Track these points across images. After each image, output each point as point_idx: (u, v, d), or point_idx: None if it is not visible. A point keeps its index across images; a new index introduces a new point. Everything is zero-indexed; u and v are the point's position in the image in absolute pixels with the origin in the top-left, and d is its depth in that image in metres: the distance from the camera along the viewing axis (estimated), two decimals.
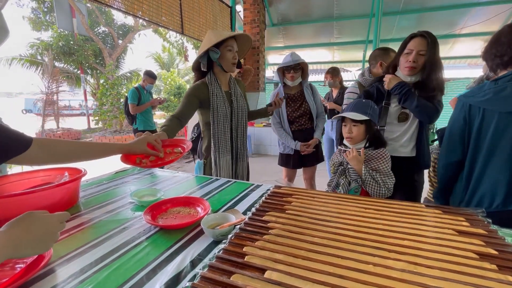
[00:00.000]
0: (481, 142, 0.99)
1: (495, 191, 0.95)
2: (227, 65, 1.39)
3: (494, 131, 0.95)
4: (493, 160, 0.96)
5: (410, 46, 1.26)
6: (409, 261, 0.57)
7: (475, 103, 0.99)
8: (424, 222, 0.75)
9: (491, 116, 0.96)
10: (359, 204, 0.88)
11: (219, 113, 1.41)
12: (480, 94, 0.98)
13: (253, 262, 0.57)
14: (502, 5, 4.92)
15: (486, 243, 0.63)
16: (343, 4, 5.57)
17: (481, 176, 0.99)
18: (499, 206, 0.94)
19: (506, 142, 0.93)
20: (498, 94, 0.93)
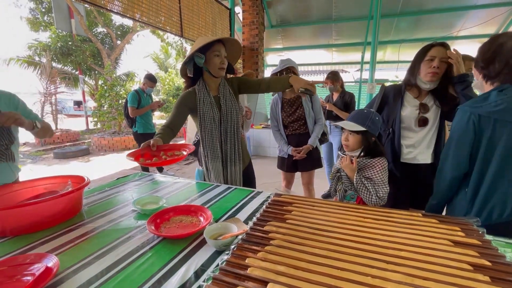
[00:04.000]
0: (492, 154, 0.97)
1: (506, 202, 0.95)
2: (214, 70, 1.37)
3: (506, 142, 0.93)
4: (504, 172, 0.95)
5: (432, 53, 1.29)
6: (406, 273, 0.59)
7: (486, 113, 0.97)
8: (421, 232, 0.77)
9: (503, 127, 0.94)
10: (358, 213, 0.90)
11: (205, 119, 1.41)
12: (491, 104, 0.96)
13: (256, 274, 0.59)
14: (499, 8, 4.96)
15: (480, 254, 0.65)
16: (341, 6, 5.60)
17: (491, 188, 0.97)
18: (509, 216, 0.94)
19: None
20: (504, 103, 0.92)
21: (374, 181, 1.17)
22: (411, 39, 6.19)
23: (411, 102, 1.41)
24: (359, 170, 1.21)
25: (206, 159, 1.49)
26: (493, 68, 0.98)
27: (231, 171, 1.49)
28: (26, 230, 0.87)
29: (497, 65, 0.97)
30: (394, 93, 1.45)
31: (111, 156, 5.89)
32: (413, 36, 6.13)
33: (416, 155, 1.41)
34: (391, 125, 1.43)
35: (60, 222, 0.94)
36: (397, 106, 1.41)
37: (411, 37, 6.17)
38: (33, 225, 0.88)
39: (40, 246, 0.81)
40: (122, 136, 6.39)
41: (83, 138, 7.92)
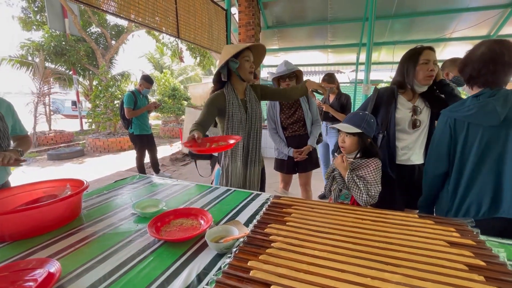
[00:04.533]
0: (467, 154, 1.04)
1: (481, 200, 1.01)
2: (245, 75, 1.47)
3: (479, 144, 1.01)
4: (478, 171, 1.01)
5: (425, 57, 1.33)
6: (404, 273, 0.60)
7: (460, 117, 1.04)
8: (418, 233, 0.79)
9: (475, 130, 1.01)
10: (356, 214, 0.92)
11: (234, 120, 1.49)
12: (465, 109, 1.03)
13: (258, 277, 0.60)
14: (490, 11, 5.06)
15: (475, 254, 0.68)
16: (337, 7, 5.63)
17: (468, 186, 1.04)
18: (485, 214, 1.00)
19: (490, 154, 0.99)
20: (482, 109, 0.99)
21: (367, 180, 1.20)
22: (405, 40, 6.27)
23: (405, 104, 1.44)
24: (354, 169, 1.24)
25: (228, 159, 1.53)
26: (467, 74, 1.05)
27: (250, 171, 1.57)
28: (25, 235, 0.87)
29: (470, 71, 1.03)
30: (388, 95, 1.47)
31: (107, 158, 5.83)
32: (407, 37, 6.21)
33: (410, 156, 1.44)
34: (386, 128, 1.46)
35: (59, 227, 0.94)
36: (391, 109, 1.43)
37: (405, 39, 6.24)
38: (32, 230, 0.87)
39: (40, 251, 0.80)
40: (118, 137, 6.33)
41: (77, 139, 7.83)
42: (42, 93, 7.17)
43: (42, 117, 7.33)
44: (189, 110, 5.51)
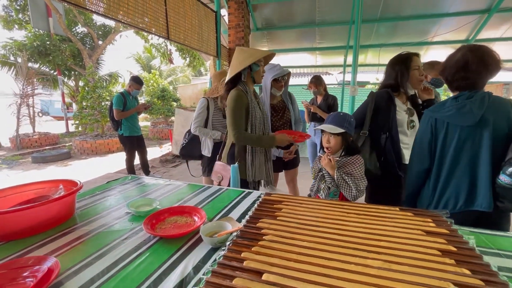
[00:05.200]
0: (446, 152, 1.12)
1: (459, 195, 1.09)
2: (258, 78, 1.61)
3: (457, 143, 1.09)
4: (456, 167, 1.10)
5: (416, 63, 1.46)
6: (384, 259, 0.66)
7: (440, 117, 1.13)
8: (398, 224, 0.85)
9: (454, 129, 1.10)
10: (342, 209, 0.98)
11: (256, 118, 1.60)
12: (445, 109, 1.12)
13: (252, 266, 0.64)
14: (469, 16, 5.31)
15: (447, 241, 0.74)
16: (324, 11, 5.77)
17: (447, 182, 1.13)
18: (461, 207, 1.08)
19: (466, 152, 1.07)
20: (460, 110, 1.07)
21: (354, 176, 1.28)
22: (390, 43, 6.48)
23: (402, 107, 1.54)
24: (340, 167, 1.32)
25: (252, 155, 1.63)
26: (444, 78, 1.15)
27: (269, 165, 1.72)
28: (20, 235, 0.88)
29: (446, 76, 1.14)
30: (385, 98, 1.54)
31: (94, 160, 5.72)
32: (392, 40, 6.43)
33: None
34: (388, 130, 1.51)
35: (53, 227, 0.95)
36: (391, 112, 1.50)
37: (390, 42, 6.46)
38: (27, 230, 0.88)
39: (36, 250, 0.82)
40: (106, 139, 6.23)
41: (63, 142, 7.63)
42: (26, 94, 6.95)
43: (26, 119, 7.11)
44: (179, 111, 5.50)
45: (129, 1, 2.86)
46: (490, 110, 1.04)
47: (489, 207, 1.05)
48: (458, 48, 1.14)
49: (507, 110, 1.04)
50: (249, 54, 1.55)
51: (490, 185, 1.03)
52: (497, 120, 1.04)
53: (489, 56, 1.07)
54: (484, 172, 1.05)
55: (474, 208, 1.08)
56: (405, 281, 0.58)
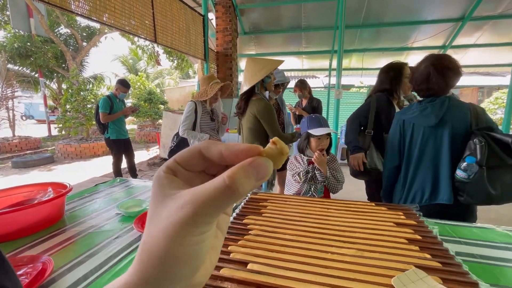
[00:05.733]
0: (412, 150, 1.24)
1: (424, 189, 1.20)
2: (270, 87, 1.78)
3: (421, 141, 1.21)
4: (421, 164, 1.22)
5: (407, 72, 1.61)
6: (358, 248, 0.73)
7: (407, 119, 1.26)
8: (372, 217, 0.93)
9: (418, 130, 1.22)
10: (323, 205, 1.05)
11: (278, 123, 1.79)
12: (410, 112, 1.25)
13: (237, 258, 0.70)
14: (445, 24, 5.62)
15: (414, 231, 0.83)
16: (309, 16, 5.93)
17: (414, 177, 1.24)
18: (426, 200, 1.19)
19: (429, 150, 1.19)
20: (422, 112, 1.20)
21: (336, 170, 1.43)
22: (373, 48, 6.73)
23: (397, 109, 1.69)
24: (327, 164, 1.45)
25: None
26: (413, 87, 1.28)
27: None
28: (10, 237, 0.89)
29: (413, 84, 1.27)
30: (386, 101, 1.68)
31: (79, 164, 5.59)
32: (375, 45, 6.68)
33: None
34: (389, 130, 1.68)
35: (43, 228, 0.97)
36: (392, 113, 1.63)
37: (373, 47, 6.71)
38: (17, 231, 0.90)
39: (28, 250, 0.84)
40: (91, 143, 6.10)
41: (45, 146, 7.39)
42: (5, 97, 6.71)
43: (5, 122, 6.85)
44: (166, 114, 5.47)
45: (116, 4, 2.87)
46: (449, 112, 1.17)
47: (449, 200, 1.16)
48: (423, 59, 1.26)
49: (464, 113, 1.16)
50: (261, 66, 1.66)
51: (450, 180, 1.15)
52: (455, 121, 1.16)
53: (449, 68, 1.19)
54: (445, 168, 1.16)
55: (438, 202, 1.20)
56: (375, 265, 0.65)
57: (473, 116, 1.16)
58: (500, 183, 1.11)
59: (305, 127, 1.49)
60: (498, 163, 1.11)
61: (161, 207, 0.17)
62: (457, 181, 1.15)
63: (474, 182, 1.13)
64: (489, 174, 1.11)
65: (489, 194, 1.11)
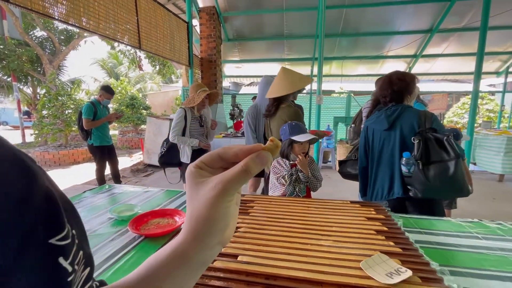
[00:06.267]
0: (374, 152, 1.43)
1: (383, 186, 1.38)
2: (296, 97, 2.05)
3: (378, 144, 1.40)
4: (380, 164, 1.40)
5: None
6: (334, 239, 0.84)
7: (369, 125, 1.46)
8: (347, 213, 1.05)
9: (376, 134, 1.41)
10: (304, 204, 1.16)
11: None
12: (371, 119, 1.46)
13: (228, 251, 0.78)
14: (415, 35, 6.04)
15: (382, 224, 0.95)
16: (291, 25, 6.16)
17: (376, 176, 1.42)
18: (385, 196, 1.37)
19: (386, 151, 1.38)
20: (378, 118, 1.40)
21: (316, 170, 1.58)
22: (351, 56, 7.07)
23: None
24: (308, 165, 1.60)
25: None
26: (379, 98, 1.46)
27: None
28: None
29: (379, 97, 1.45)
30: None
31: (57, 172, 5.39)
32: (353, 53, 7.02)
33: None
34: None
35: None
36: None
37: (352, 55, 7.05)
38: None
39: None
40: (70, 150, 5.90)
41: None
42: None
43: None
44: (150, 120, 5.43)
45: (100, 11, 2.88)
46: (399, 118, 1.36)
47: (398, 194, 1.34)
48: (386, 75, 1.45)
49: (412, 118, 1.33)
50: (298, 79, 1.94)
51: (401, 176, 1.32)
52: (404, 126, 1.34)
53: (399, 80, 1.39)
54: (397, 166, 1.33)
55: (394, 197, 1.36)
56: (348, 253, 0.76)
57: (421, 121, 1.32)
58: (439, 176, 1.25)
59: (287, 134, 1.60)
60: (436, 159, 1.27)
61: (196, 189, 0.26)
62: (405, 176, 1.32)
63: (415, 176, 1.29)
64: (427, 168, 1.27)
65: (429, 187, 1.25)
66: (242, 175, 0.24)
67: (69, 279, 0.21)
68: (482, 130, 5.05)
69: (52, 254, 0.20)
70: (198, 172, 0.26)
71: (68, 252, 0.21)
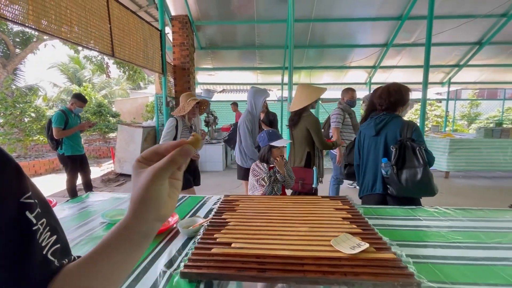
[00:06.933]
0: (364, 154, 1.70)
1: (369, 183, 1.64)
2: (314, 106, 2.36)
3: (367, 147, 1.67)
4: (368, 164, 1.66)
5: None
6: (309, 226, 1.02)
7: (362, 130, 1.73)
8: (319, 206, 1.24)
9: (367, 138, 1.69)
10: (282, 200, 1.33)
11: None
12: (364, 125, 1.71)
13: (223, 240, 0.92)
14: (374, 48, 6.69)
15: (347, 212, 1.15)
16: (262, 35, 6.45)
17: (364, 174, 1.69)
18: (369, 191, 1.63)
19: (372, 154, 1.65)
20: (368, 125, 1.66)
21: (290, 170, 1.82)
22: (318, 66, 7.57)
23: None
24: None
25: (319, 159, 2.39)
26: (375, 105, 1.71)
27: None
28: None
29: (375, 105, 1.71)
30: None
31: None
32: (320, 63, 7.52)
33: None
34: None
35: None
36: None
37: (319, 65, 7.54)
38: None
39: None
40: (31, 161, 5.48)
41: None
42: None
43: None
44: (122, 127, 5.29)
45: (72, 18, 2.84)
46: (385, 127, 1.61)
47: (379, 190, 1.59)
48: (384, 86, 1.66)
49: (396, 128, 1.58)
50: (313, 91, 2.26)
51: (382, 177, 1.57)
52: (388, 133, 1.59)
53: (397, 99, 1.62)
54: (379, 168, 1.58)
55: (376, 192, 1.60)
56: (320, 235, 0.94)
57: (403, 131, 1.57)
58: (409, 180, 1.52)
59: (265, 141, 1.78)
60: (408, 165, 1.53)
61: (136, 178, 0.33)
62: (384, 177, 1.58)
63: (390, 178, 1.55)
64: (400, 172, 1.53)
65: (401, 187, 1.52)
66: (169, 164, 0.32)
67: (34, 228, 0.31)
68: (431, 133, 5.74)
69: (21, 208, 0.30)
70: (139, 165, 0.34)
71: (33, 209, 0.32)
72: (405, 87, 1.69)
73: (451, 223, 1.14)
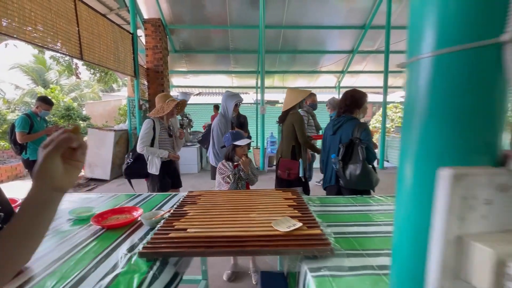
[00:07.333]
0: (325, 150, 1.95)
1: (327, 176, 1.90)
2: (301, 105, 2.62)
3: (328, 145, 1.92)
4: (328, 159, 1.90)
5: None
6: (263, 214, 1.17)
7: (325, 129, 2.00)
8: (272, 196, 1.41)
9: (328, 137, 1.93)
10: (240, 194, 1.48)
11: None
12: (327, 125, 1.97)
13: (180, 227, 1.05)
14: (342, 54, 7.12)
15: (294, 201, 1.33)
16: (236, 40, 6.63)
17: (326, 168, 1.95)
18: (328, 182, 1.89)
19: (331, 151, 1.90)
20: (328, 125, 1.93)
21: (253, 168, 1.98)
22: (291, 70, 7.89)
23: None
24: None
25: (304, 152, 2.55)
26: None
27: None
28: None
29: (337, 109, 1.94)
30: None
31: None
32: (292, 68, 7.85)
33: None
34: None
35: None
36: None
37: (291, 69, 7.87)
38: None
39: None
40: None
41: None
42: None
43: None
44: (92, 131, 5.17)
45: (37, 20, 2.81)
46: (341, 127, 1.86)
47: (332, 182, 1.85)
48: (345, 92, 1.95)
49: (349, 129, 1.82)
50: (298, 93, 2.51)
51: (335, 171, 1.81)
52: (343, 134, 1.84)
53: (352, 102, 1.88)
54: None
55: (333, 184, 1.84)
56: (266, 219, 1.10)
57: (354, 131, 1.80)
58: (352, 173, 1.75)
59: (229, 141, 1.93)
60: (352, 161, 1.77)
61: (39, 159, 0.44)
62: (336, 171, 1.81)
63: (339, 171, 1.78)
64: (346, 167, 1.76)
65: (346, 180, 1.76)
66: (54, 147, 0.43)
67: None
68: (392, 134, 6.22)
69: None
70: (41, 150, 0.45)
71: None
72: (360, 92, 1.93)
73: (380, 207, 1.36)
